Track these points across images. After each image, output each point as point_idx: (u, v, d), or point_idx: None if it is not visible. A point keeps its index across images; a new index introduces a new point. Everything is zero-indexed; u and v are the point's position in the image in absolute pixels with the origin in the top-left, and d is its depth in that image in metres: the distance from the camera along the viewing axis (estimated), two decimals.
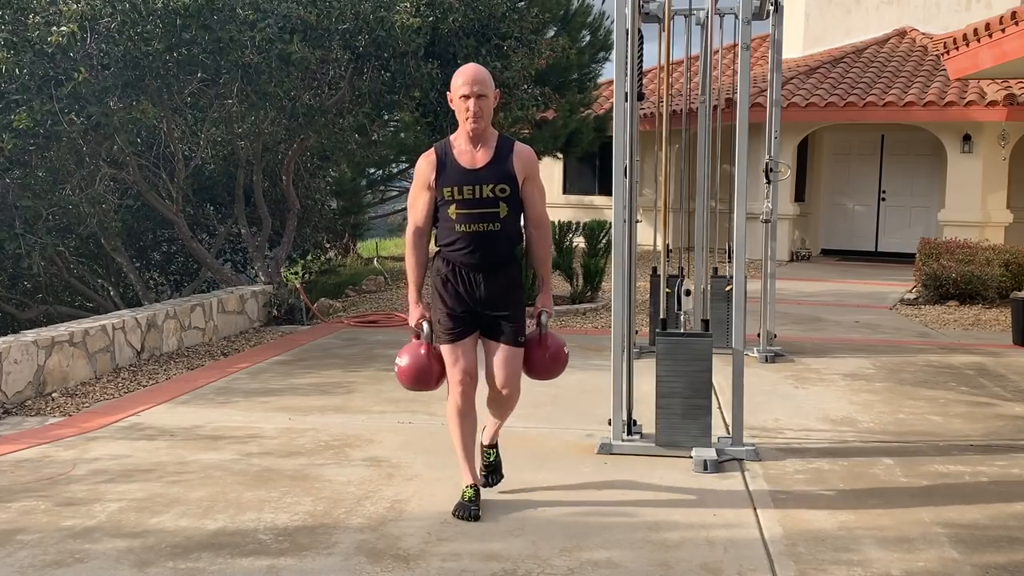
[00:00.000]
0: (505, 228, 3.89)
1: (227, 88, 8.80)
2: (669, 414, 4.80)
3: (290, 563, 3.52)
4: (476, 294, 3.92)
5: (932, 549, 3.71)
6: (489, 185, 3.85)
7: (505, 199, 3.87)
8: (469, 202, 3.85)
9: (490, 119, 3.89)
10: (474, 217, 3.86)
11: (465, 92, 3.81)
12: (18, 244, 8.17)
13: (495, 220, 3.86)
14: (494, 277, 3.92)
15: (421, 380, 4.05)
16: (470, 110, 3.80)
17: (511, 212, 3.89)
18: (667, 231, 5.19)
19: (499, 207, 3.86)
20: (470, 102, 3.80)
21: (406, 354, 4.05)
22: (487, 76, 3.86)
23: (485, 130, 3.88)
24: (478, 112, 3.81)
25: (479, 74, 3.83)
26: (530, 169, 3.95)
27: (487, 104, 3.84)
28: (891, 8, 18.02)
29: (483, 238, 3.87)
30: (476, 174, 3.87)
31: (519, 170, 3.90)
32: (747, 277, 5.19)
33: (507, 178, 3.86)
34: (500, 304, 3.93)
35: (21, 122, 7.48)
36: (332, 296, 11.66)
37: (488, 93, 3.83)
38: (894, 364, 7.40)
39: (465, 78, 3.82)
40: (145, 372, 7.05)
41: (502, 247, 3.90)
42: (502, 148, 3.91)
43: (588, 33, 16.82)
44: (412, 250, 4.02)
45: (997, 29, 8.93)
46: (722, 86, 8.17)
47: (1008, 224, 14.55)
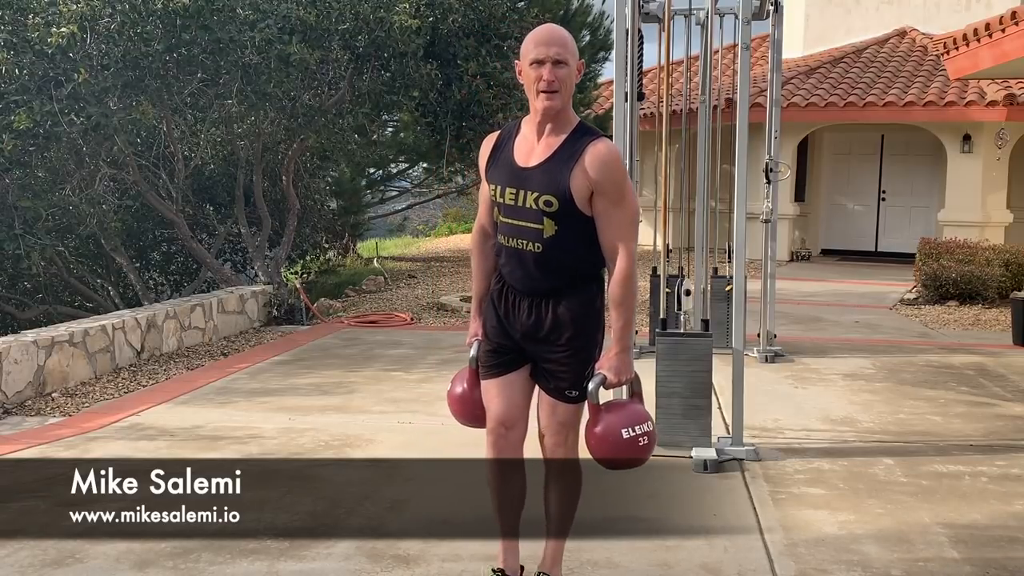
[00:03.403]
0: (550, 251, 2.94)
1: (227, 88, 8.80)
2: (669, 414, 4.80)
3: (290, 563, 3.52)
4: (517, 324, 3.05)
5: (932, 549, 3.71)
6: (534, 194, 2.91)
7: (552, 215, 2.90)
8: (511, 209, 2.97)
9: (568, 96, 2.92)
10: (513, 230, 2.98)
11: (538, 56, 2.86)
12: (18, 244, 8.17)
13: (536, 240, 2.94)
14: (538, 307, 3.01)
15: (463, 414, 3.27)
16: (543, 78, 2.84)
17: (562, 232, 2.92)
18: (667, 231, 5.19)
19: (543, 223, 2.92)
20: (544, 69, 2.84)
21: (455, 380, 3.30)
22: (569, 39, 2.90)
23: (561, 113, 2.91)
24: (552, 81, 2.84)
25: (556, 34, 2.89)
26: (603, 179, 2.86)
27: (567, 75, 2.87)
28: (891, 8, 18.01)
29: (521, 258, 2.98)
30: (524, 175, 2.94)
31: (582, 178, 2.86)
32: (747, 277, 5.19)
33: (557, 189, 2.88)
34: (543, 342, 3.02)
35: (21, 123, 7.48)
36: (332, 296, 11.66)
37: (570, 60, 2.87)
38: (894, 364, 7.39)
39: (539, 38, 2.88)
40: (145, 372, 7.05)
41: (546, 274, 2.97)
42: (570, 144, 2.90)
43: (588, 33, 16.83)
44: (473, 253, 3.24)
45: (997, 29, 8.92)
46: (722, 86, 8.17)
47: (1008, 224, 14.54)
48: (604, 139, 2.93)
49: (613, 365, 2.96)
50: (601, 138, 2.93)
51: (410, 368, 7.17)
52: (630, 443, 2.93)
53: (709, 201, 7.63)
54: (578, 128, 2.94)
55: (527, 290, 3.03)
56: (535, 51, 2.87)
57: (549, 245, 2.94)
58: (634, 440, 2.93)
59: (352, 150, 11.94)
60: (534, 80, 2.87)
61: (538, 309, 3.01)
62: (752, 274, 10.71)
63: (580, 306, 3.00)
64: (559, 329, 2.99)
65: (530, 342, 3.06)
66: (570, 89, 2.92)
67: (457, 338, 8.48)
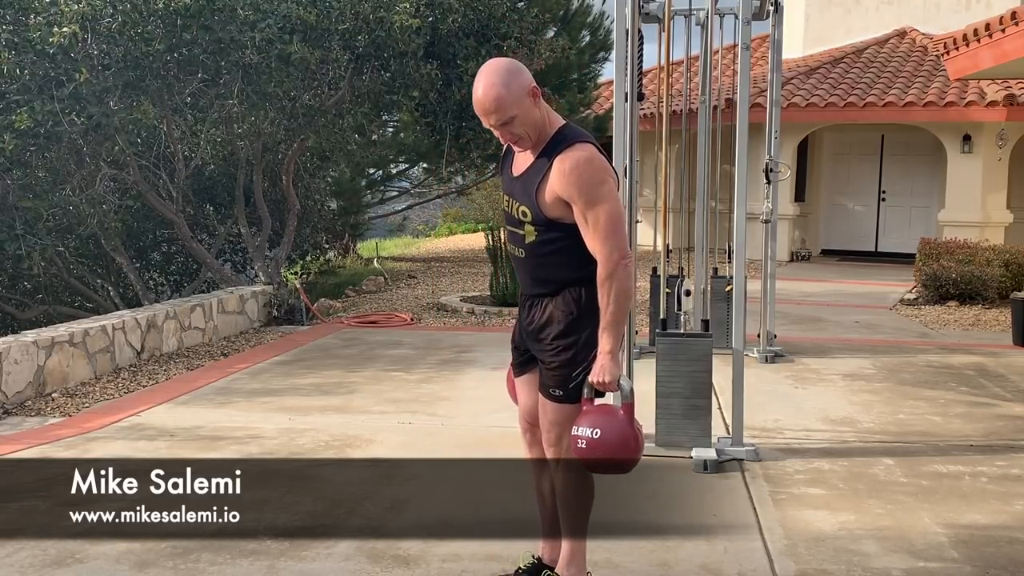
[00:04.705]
0: (533, 257, 3.10)
1: (227, 88, 8.80)
2: (669, 414, 4.80)
3: (290, 563, 3.53)
4: (523, 323, 3.22)
5: (932, 549, 3.71)
6: (516, 203, 3.09)
7: (531, 223, 3.05)
8: (507, 215, 3.16)
9: (536, 128, 2.99)
10: (509, 235, 3.20)
11: (485, 124, 3.03)
12: (18, 245, 8.17)
13: (521, 245, 3.11)
14: (533, 309, 3.17)
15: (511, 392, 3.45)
16: (502, 138, 3.03)
17: (542, 238, 3.05)
18: (667, 231, 5.19)
19: (523, 230, 3.08)
20: (496, 132, 3.02)
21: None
22: (502, 91, 2.90)
23: (539, 139, 3.02)
24: (510, 136, 2.99)
25: (489, 99, 2.91)
26: (567, 188, 2.93)
27: (519, 122, 2.94)
28: (891, 8, 18.01)
29: (517, 262, 3.20)
30: (513, 184, 3.12)
31: (549, 191, 2.97)
32: (747, 277, 5.19)
33: (529, 200, 3.02)
34: (535, 340, 3.16)
35: (22, 123, 7.49)
36: (332, 296, 11.66)
37: (512, 111, 2.92)
38: (894, 364, 7.40)
39: (477, 108, 2.96)
40: (145, 372, 7.05)
41: (533, 277, 3.13)
42: (544, 157, 3.00)
43: (588, 33, 16.82)
44: None
45: (997, 29, 8.92)
46: (722, 86, 8.17)
47: (1008, 224, 14.54)
48: (572, 148, 2.95)
49: (595, 365, 2.99)
50: (570, 148, 2.95)
51: (410, 368, 7.17)
52: (572, 441, 2.99)
53: (709, 201, 7.63)
54: (554, 138, 3.00)
55: (526, 291, 3.20)
56: (482, 120, 2.98)
57: (531, 251, 3.09)
58: (574, 440, 2.98)
59: (352, 150, 11.95)
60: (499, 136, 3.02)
61: (532, 309, 3.16)
62: (752, 274, 10.71)
63: (565, 306, 3.07)
64: (546, 328, 3.10)
65: (529, 340, 3.19)
66: (534, 122, 2.97)
67: (457, 338, 8.49)
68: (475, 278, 13.19)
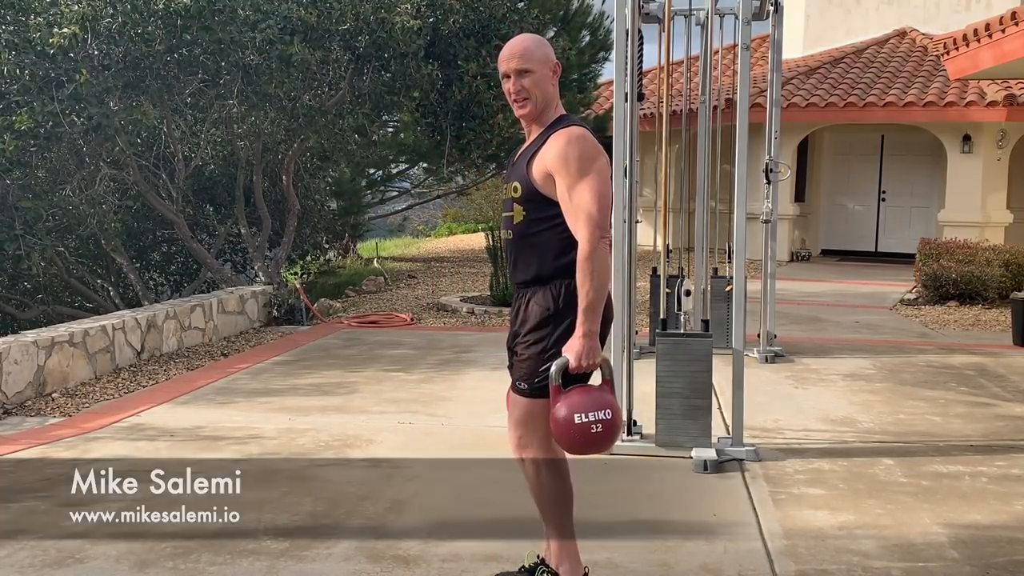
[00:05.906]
0: (520, 238, 3.07)
1: (227, 89, 8.81)
2: (669, 414, 4.80)
3: (290, 563, 3.53)
4: (511, 324, 3.19)
5: (932, 549, 3.71)
6: (510, 183, 3.11)
7: (519, 200, 3.05)
8: (504, 201, 3.19)
9: (544, 99, 3.04)
10: (502, 220, 3.19)
11: (504, 71, 3.05)
12: (18, 245, 8.18)
13: (509, 227, 3.10)
14: (517, 299, 3.16)
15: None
16: (511, 90, 3.05)
17: (529, 218, 3.04)
18: (667, 231, 5.20)
19: (513, 210, 3.08)
20: (509, 82, 3.04)
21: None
22: (532, 46, 3.04)
23: (543, 115, 3.07)
24: (519, 90, 3.02)
25: (517, 46, 3.04)
26: (554, 159, 2.96)
27: (533, 82, 3.01)
28: (891, 8, 18.02)
29: (506, 249, 3.17)
30: (512, 168, 3.16)
31: (539, 162, 3.00)
32: (747, 277, 5.19)
33: (521, 175, 3.05)
34: (516, 332, 3.13)
35: (22, 123, 7.49)
36: (332, 296, 11.66)
37: (534, 67, 3.01)
38: (894, 364, 7.40)
39: (502, 53, 3.07)
40: (145, 372, 7.06)
41: (519, 263, 3.10)
42: (541, 137, 3.05)
43: (588, 33, 16.82)
44: None
45: (997, 29, 8.92)
46: (722, 86, 8.17)
47: (1008, 224, 14.54)
48: (570, 127, 3.01)
49: (574, 348, 2.91)
50: (567, 128, 3.00)
51: (410, 368, 7.17)
52: (581, 429, 2.88)
53: (709, 201, 7.63)
54: (554, 122, 3.05)
55: (513, 279, 3.18)
56: (501, 67, 3.07)
57: (518, 233, 3.07)
58: (586, 426, 2.88)
59: (352, 150, 11.96)
60: (507, 92, 3.08)
61: (519, 299, 3.14)
62: (752, 274, 10.71)
63: (544, 300, 3.03)
64: (525, 322, 3.07)
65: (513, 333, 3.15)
66: (545, 91, 3.04)
67: (457, 338, 8.49)
68: (475, 278, 13.19)
